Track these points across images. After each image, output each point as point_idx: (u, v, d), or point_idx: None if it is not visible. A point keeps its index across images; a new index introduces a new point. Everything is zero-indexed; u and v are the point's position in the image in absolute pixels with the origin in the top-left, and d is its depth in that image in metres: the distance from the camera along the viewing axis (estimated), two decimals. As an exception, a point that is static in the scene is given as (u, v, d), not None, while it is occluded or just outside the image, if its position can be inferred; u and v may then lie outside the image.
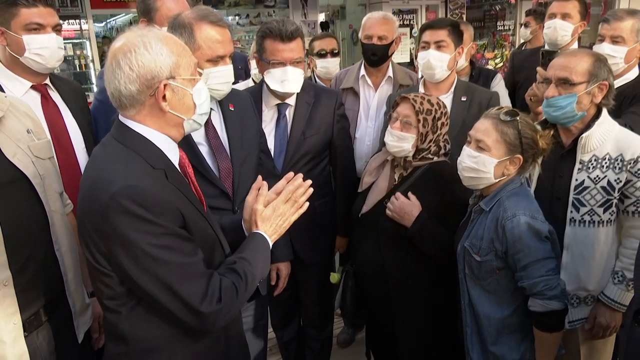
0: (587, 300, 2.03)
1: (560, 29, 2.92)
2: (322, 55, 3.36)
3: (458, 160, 1.91)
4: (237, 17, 8.81)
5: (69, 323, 1.70)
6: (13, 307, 1.48)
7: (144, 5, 2.34)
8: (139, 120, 1.33)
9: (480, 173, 1.84)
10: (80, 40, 7.22)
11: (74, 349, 1.71)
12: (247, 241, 1.50)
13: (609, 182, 1.92)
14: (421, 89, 2.62)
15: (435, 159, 2.15)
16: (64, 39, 2.10)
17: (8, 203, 1.47)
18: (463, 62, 3.13)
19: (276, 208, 1.53)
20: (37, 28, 1.97)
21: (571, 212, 1.98)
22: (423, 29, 2.57)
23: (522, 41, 5.42)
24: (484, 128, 1.84)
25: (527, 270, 1.76)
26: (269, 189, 2.26)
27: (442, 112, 2.11)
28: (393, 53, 2.95)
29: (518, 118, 1.81)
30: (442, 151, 2.17)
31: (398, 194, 2.08)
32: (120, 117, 1.36)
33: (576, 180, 1.96)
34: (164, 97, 1.30)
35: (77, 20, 7.04)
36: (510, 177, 1.87)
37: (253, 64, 3.16)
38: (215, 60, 1.82)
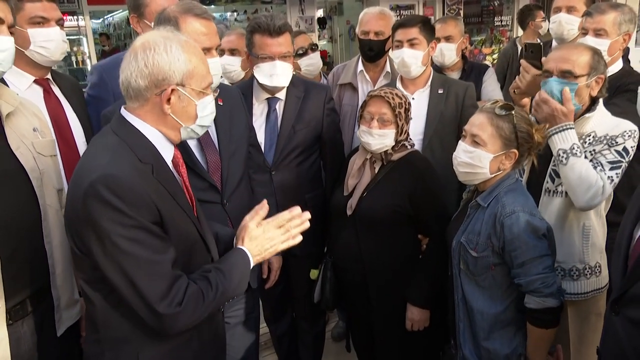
0: (585, 273, 2.02)
1: (566, 23, 2.85)
2: (301, 54, 3.17)
3: (453, 156, 1.91)
4: (234, 14, 8.80)
5: (53, 316, 1.72)
6: None
7: (134, 1, 2.35)
8: (138, 115, 1.37)
9: (475, 168, 1.84)
10: (77, 37, 7.23)
11: (55, 342, 1.72)
12: (229, 254, 1.49)
13: (584, 156, 1.92)
14: (399, 85, 2.65)
15: (409, 147, 2.21)
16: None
17: (3, 192, 1.52)
18: (454, 57, 3.14)
19: (266, 230, 1.51)
20: (42, 22, 2.01)
21: (547, 182, 2.00)
22: (395, 28, 2.60)
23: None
24: (479, 122, 1.83)
25: (524, 267, 1.76)
26: (259, 183, 2.28)
27: (408, 103, 2.18)
28: (390, 48, 2.95)
29: (513, 112, 1.81)
30: (409, 137, 2.25)
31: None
32: (122, 111, 1.40)
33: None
34: (168, 100, 1.34)
35: (74, 17, 7.04)
36: (506, 172, 1.86)
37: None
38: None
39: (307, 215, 1.55)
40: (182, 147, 1.87)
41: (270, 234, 1.51)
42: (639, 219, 1.35)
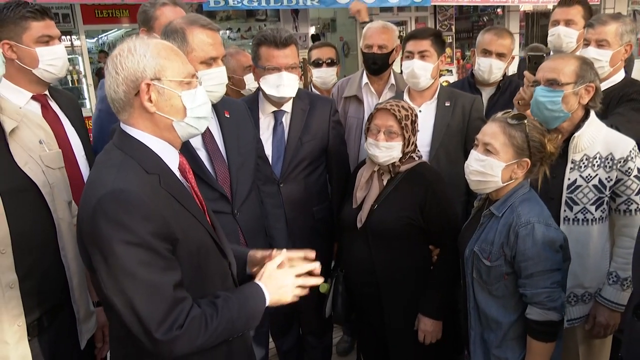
0: (584, 299, 2.05)
1: (565, 36, 2.88)
2: (318, 64, 3.28)
3: (465, 164, 1.92)
4: (228, 32, 8.85)
5: (71, 330, 1.71)
6: (18, 309, 1.50)
7: (144, 15, 2.40)
8: (132, 124, 1.35)
9: (487, 177, 1.83)
10: (73, 56, 7.24)
11: (75, 356, 1.72)
12: (244, 286, 1.46)
13: (600, 181, 1.96)
14: (406, 97, 2.66)
15: (417, 159, 2.21)
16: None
17: (18, 209, 1.51)
18: (500, 77, 2.90)
19: (285, 274, 1.49)
20: (47, 40, 2.02)
21: (564, 211, 2.01)
22: (407, 39, 2.62)
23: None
24: (491, 131, 1.84)
25: (532, 278, 1.76)
26: (267, 194, 2.27)
27: (415, 115, 2.18)
28: (394, 61, 2.97)
29: (526, 121, 1.81)
30: (417, 149, 2.25)
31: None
32: (121, 125, 1.38)
33: (569, 179, 2.00)
34: (150, 98, 1.32)
35: (70, 36, 7.07)
36: (518, 181, 1.86)
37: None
38: (209, 62, 1.86)
39: (318, 266, 1.55)
40: (191, 157, 1.88)
41: (288, 280, 1.48)
42: None
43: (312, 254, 1.55)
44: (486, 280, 1.86)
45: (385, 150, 2.11)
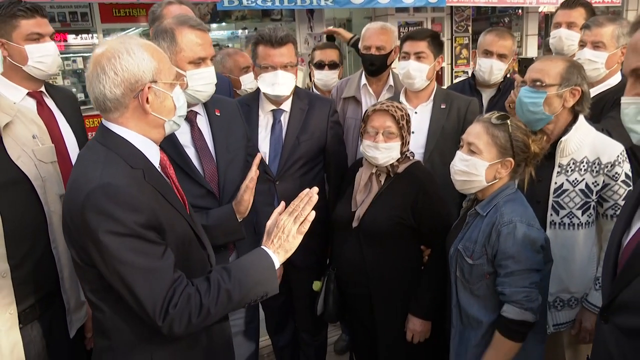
0: (570, 303, 2.04)
1: (566, 39, 2.85)
2: (320, 66, 3.30)
3: (451, 165, 1.94)
4: (245, 31, 8.92)
5: (62, 319, 1.77)
6: (9, 297, 1.56)
7: (152, 14, 2.48)
8: (120, 123, 1.40)
9: (471, 176, 1.85)
10: (91, 54, 7.36)
11: (66, 344, 1.77)
12: (247, 254, 1.50)
13: (587, 185, 1.95)
14: (402, 98, 2.68)
15: (411, 157, 2.22)
16: (74, 53, 2.20)
17: (10, 201, 1.57)
18: (501, 78, 2.95)
19: (278, 221, 1.51)
20: (37, 38, 2.09)
21: (551, 215, 2.01)
22: (404, 40, 2.63)
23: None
24: (475, 131, 1.86)
25: (512, 277, 1.77)
26: (260, 192, 2.31)
27: (408, 115, 2.20)
28: (392, 62, 2.98)
29: (509, 122, 1.83)
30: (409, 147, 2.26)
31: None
32: (103, 121, 1.42)
33: (555, 183, 1.99)
34: (147, 99, 1.37)
35: (88, 35, 7.21)
36: (503, 180, 1.88)
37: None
38: (197, 62, 1.89)
39: (315, 189, 1.54)
40: (179, 154, 1.93)
41: (282, 223, 1.49)
42: (627, 227, 1.34)
43: (304, 192, 1.55)
44: (468, 279, 1.87)
45: (385, 152, 2.12)
